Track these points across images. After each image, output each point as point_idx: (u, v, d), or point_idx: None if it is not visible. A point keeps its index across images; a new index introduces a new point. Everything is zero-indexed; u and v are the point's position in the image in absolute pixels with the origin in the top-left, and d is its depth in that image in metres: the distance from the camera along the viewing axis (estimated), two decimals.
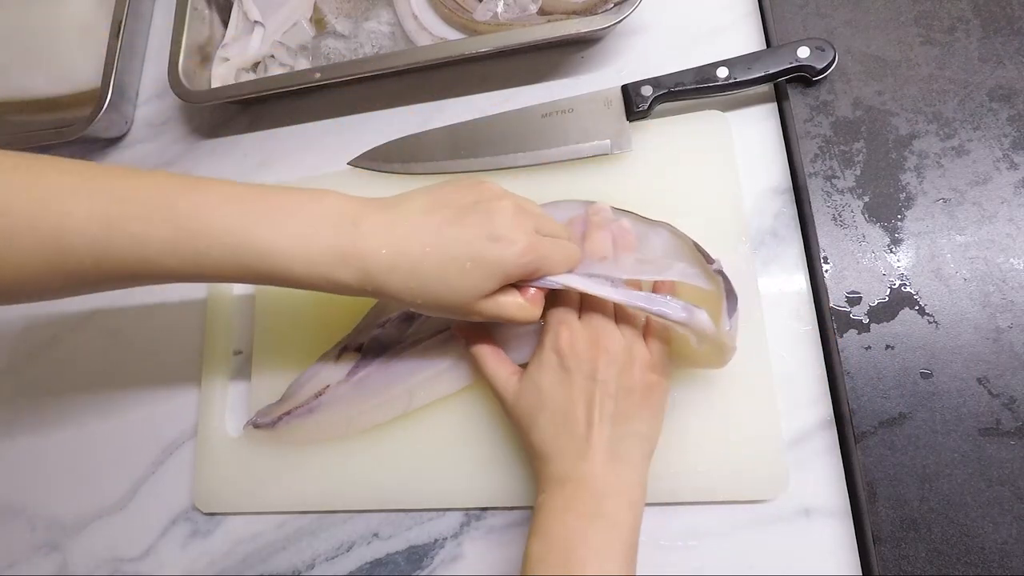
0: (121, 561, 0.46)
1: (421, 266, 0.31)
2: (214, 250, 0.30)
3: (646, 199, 0.42)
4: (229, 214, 0.30)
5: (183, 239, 0.30)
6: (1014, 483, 0.33)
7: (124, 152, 0.56)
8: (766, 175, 0.42)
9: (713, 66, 0.41)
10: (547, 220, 0.35)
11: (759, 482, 0.37)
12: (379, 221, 0.32)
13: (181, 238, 0.29)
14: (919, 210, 0.38)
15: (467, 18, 0.49)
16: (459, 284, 0.32)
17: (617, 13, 0.43)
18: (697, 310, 0.33)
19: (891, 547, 0.34)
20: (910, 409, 0.35)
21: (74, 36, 0.56)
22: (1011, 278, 0.36)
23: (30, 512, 0.48)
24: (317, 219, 0.31)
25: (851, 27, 0.42)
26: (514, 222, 0.32)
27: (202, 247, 0.30)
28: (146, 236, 0.29)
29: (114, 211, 0.29)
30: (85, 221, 0.29)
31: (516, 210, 0.33)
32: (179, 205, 0.30)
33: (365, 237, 0.31)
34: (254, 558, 0.43)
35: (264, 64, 0.54)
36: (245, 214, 0.30)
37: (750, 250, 0.40)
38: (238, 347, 0.47)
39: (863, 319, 0.37)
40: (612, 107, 0.43)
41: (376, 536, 0.42)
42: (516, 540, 0.40)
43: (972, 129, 0.39)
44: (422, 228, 0.32)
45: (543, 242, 0.33)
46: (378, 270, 0.31)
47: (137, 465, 0.47)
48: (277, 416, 0.42)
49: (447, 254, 0.31)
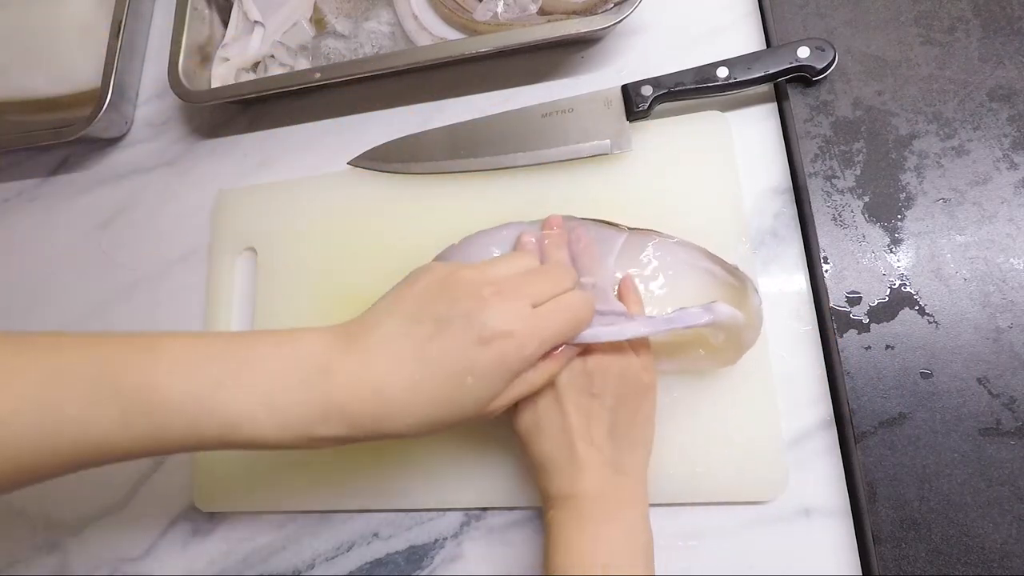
0: (121, 561, 0.46)
1: (416, 401, 0.28)
2: (173, 424, 0.26)
3: (646, 199, 0.42)
4: (184, 380, 0.26)
5: (134, 416, 0.26)
6: (1014, 483, 0.33)
7: (124, 152, 0.56)
8: (766, 175, 0.42)
9: (713, 66, 0.41)
10: (537, 280, 0.31)
11: (759, 482, 0.37)
12: (352, 364, 0.28)
13: (132, 415, 0.25)
14: (919, 210, 0.38)
15: (467, 18, 0.49)
16: (466, 401, 0.28)
17: (617, 13, 0.43)
18: (715, 305, 0.33)
19: (891, 547, 0.34)
20: (910, 409, 0.35)
21: (74, 36, 0.56)
22: (1011, 278, 0.36)
23: (30, 512, 0.48)
24: (284, 374, 0.27)
25: (851, 27, 0.42)
26: (500, 311, 0.28)
27: (158, 422, 0.26)
28: (89, 418, 0.25)
29: (48, 393, 0.25)
30: (14, 405, 0.25)
31: (497, 296, 0.29)
32: (126, 377, 0.26)
33: (342, 387, 0.27)
34: (254, 558, 0.43)
35: (264, 64, 0.54)
36: (202, 378, 0.26)
37: (750, 250, 0.40)
38: None
39: (863, 319, 0.37)
40: (612, 107, 0.43)
41: (376, 536, 0.42)
42: (516, 540, 0.40)
43: (972, 129, 0.39)
44: (402, 358, 0.28)
45: (542, 317, 0.29)
46: (368, 418, 0.27)
47: (137, 465, 0.47)
48: None
49: (441, 376, 0.28)
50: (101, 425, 0.25)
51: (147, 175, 0.55)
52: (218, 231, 0.50)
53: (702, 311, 0.33)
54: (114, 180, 0.56)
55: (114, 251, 0.53)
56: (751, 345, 0.35)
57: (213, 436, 0.26)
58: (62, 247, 0.55)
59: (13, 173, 0.58)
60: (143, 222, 0.53)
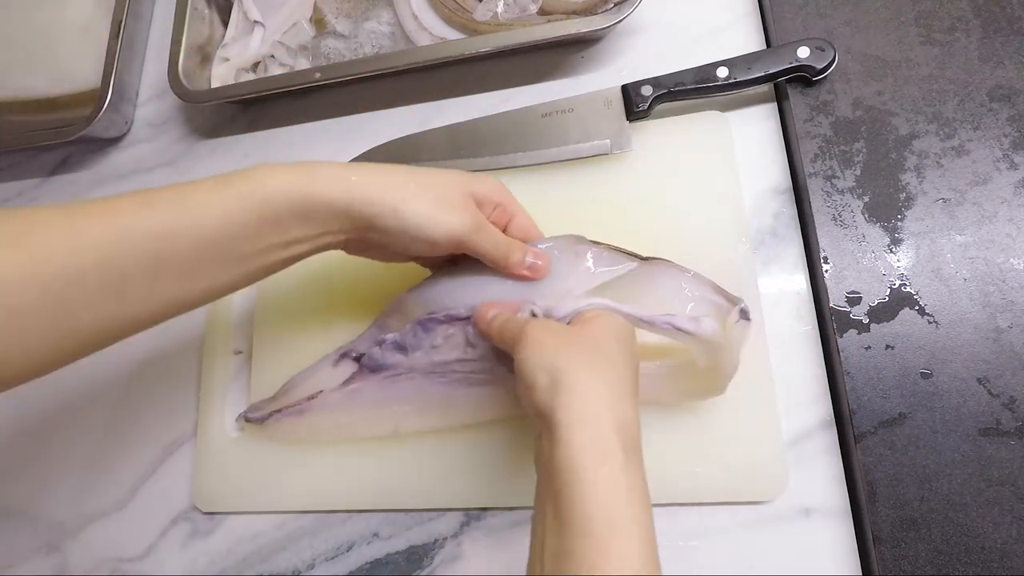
0: (121, 561, 0.46)
1: (394, 176, 0.33)
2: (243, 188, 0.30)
3: (646, 199, 0.42)
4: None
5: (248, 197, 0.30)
6: (1014, 483, 0.33)
7: (124, 152, 0.56)
8: (766, 175, 0.42)
9: (713, 66, 0.41)
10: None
11: (759, 482, 0.37)
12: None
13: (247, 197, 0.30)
14: (919, 210, 0.38)
15: (467, 18, 0.49)
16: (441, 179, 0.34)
17: (617, 13, 0.43)
18: (702, 319, 0.33)
19: (891, 547, 0.34)
20: (910, 409, 0.35)
21: (74, 36, 0.56)
22: (1011, 278, 0.36)
23: (30, 512, 0.48)
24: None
25: (851, 27, 0.42)
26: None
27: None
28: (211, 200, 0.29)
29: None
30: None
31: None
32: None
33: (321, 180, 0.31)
34: (254, 558, 0.43)
35: (264, 64, 0.54)
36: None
37: (750, 250, 0.40)
38: (238, 347, 0.47)
39: (863, 319, 0.37)
40: (612, 107, 0.43)
41: (376, 536, 0.42)
42: (516, 540, 0.40)
43: (972, 129, 0.39)
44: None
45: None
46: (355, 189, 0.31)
47: (137, 465, 0.47)
48: (268, 413, 0.42)
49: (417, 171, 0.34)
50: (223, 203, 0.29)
51: (147, 175, 0.55)
52: None
53: (689, 320, 0.33)
54: (114, 180, 0.56)
55: None
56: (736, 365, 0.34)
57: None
58: None
59: (13, 173, 0.58)
60: None
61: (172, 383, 0.48)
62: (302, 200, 0.30)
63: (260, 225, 0.30)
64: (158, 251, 0.28)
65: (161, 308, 0.30)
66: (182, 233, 0.28)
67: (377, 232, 0.33)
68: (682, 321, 0.33)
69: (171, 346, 0.49)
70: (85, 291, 0.27)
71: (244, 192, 0.30)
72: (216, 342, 0.47)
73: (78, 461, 0.48)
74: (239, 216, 0.29)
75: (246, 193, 0.30)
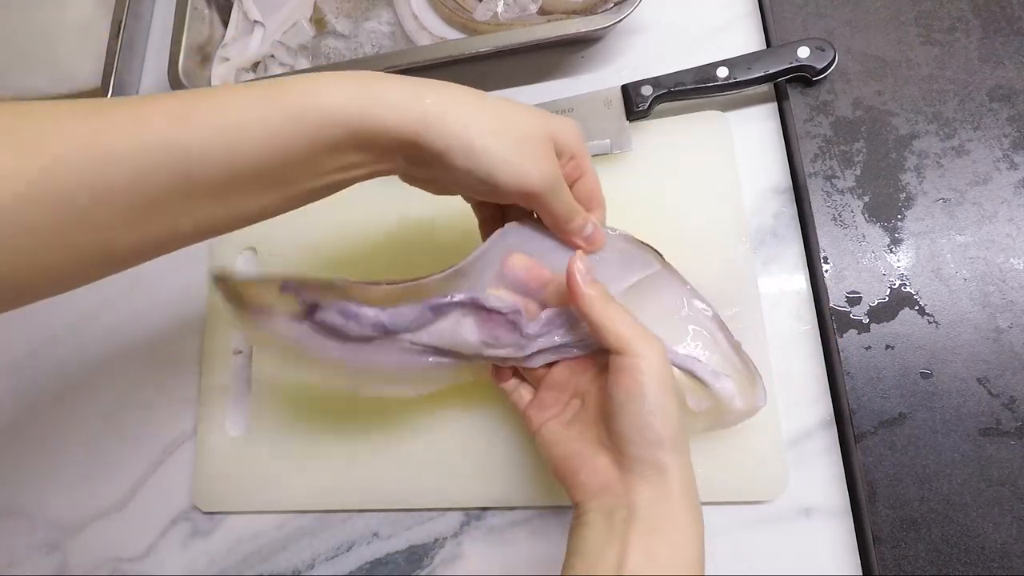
0: (121, 561, 0.46)
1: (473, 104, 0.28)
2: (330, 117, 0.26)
3: (646, 199, 0.42)
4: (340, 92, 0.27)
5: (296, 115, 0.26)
6: (1014, 483, 0.33)
7: None
8: (766, 175, 0.42)
9: (713, 66, 0.41)
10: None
11: (759, 482, 0.37)
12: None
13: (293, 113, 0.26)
14: (919, 210, 0.38)
15: (467, 18, 0.49)
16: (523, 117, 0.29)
17: (617, 13, 0.43)
18: (724, 377, 0.33)
19: (891, 547, 0.34)
20: (910, 409, 0.35)
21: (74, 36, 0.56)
22: (1011, 278, 0.36)
23: (30, 512, 0.48)
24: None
25: (851, 27, 0.42)
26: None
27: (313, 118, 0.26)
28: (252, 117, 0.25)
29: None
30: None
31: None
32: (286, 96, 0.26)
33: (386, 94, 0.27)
34: (254, 558, 0.43)
35: (264, 64, 0.54)
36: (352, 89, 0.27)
37: (750, 250, 0.40)
38: (238, 347, 0.47)
39: (863, 319, 0.37)
40: (612, 107, 0.43)
41: (376, 536, 0.42)
42: (516, 540, 0.40)
43: (972, 129, 0.39)
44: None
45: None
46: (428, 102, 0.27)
47: (137, 465, 0.47)
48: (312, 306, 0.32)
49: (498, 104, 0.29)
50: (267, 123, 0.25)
51: None
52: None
53: (711, 372, 0.33)
54: None
55: None
56: (727, 427, 0.34)
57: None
58: None
59: None
60: None
61: (172, 383, 0.48)
62: (363, 126, 0.26)
63: (311, 151, 0.26)
64: (190, 173, 0.25)
65: (197, 229, 0.27)
66: (220, 156, 0.25)
67: (442, 168, 0.28)
68: (702, 369, 0.33)
69: (171, 346, 0.49)
70: (113, 210, 0.24)
71: (294, 111, 0.25)
72: (216, 342, 0.47)
73: (78, 461, 0.49)
74: (287, 140, 0.26)
75: (296, 113, 0.25)
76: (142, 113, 0.24)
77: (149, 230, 0.25)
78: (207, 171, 0.25)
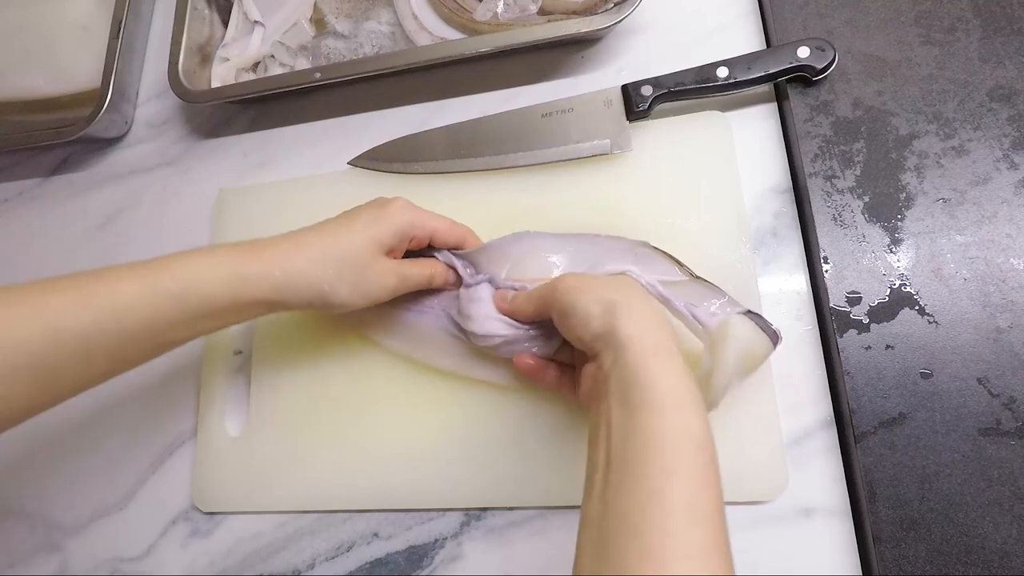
0: (121, 561, 0.46)
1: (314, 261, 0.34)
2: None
3: (646, 199, 0.42)
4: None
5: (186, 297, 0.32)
6: (1014, 483, 0.33)
7: (124, 152, 0.56)
8: (766, 175, 0.42)
9: (713, 66, 0.41)
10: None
11: (759, 482, 0.37)
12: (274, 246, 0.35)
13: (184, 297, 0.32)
14: (919, 210, 0.38)
15: (467, 18, 0.49)
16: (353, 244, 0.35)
17: (617, 13, 0.43)
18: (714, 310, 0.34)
19: (891, 547, 0.34)
20: (910, 409, 0.35)
21: (74, 36, 0.56)
22: (1011, 278, 0.36)
23: (30, 512, 0.48)
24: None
25: (851, 27, 0.42)
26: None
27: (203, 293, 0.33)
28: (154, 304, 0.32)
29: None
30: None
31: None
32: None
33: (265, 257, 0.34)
34: (254, 558, 0.43)
35: (264, 64, 0.54)
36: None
37: (750, 250, 0.40)
38: (238, 347, 0.47)
39: (863, 319, 0.37)
40: (612, 107, 0.43)
41: (376, 536, 0.42)
42: (516, 540, 0.40)
43: (972, 129, 0.39)
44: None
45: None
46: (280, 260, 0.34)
47: (137, 465, 0.47)
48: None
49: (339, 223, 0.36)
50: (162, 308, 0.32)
51: (147, 175, 0.55)
52: (218, 231, 0.50)
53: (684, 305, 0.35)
54: (114, 180, 0.56)
55: (114, 251, 0.53)
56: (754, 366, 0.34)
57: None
58: (62, 247, 0.55)
59: (13, 173, 0.58)
60: (143, 222, 0.53)
61: (172, 383, 0.48)
62: (234, 300, 0.33)
63: (192, 320, 0.32)
64: (88, 347, 0.30)
65: (95, 381, 0.32)
66: (113, 329, 0.30)
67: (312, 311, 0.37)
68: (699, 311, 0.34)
69: None
70: (14, 385, 0.29)
71: (174, 293, 0.31)
72: (216, 342, 0.47)
73: (78, 461, 0.48)
74: (169, 315, 0.31)
75: (176, 294, 0.31)
76: (44, 297, 0.30)
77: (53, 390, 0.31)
78: (103, 343, 0.30)
